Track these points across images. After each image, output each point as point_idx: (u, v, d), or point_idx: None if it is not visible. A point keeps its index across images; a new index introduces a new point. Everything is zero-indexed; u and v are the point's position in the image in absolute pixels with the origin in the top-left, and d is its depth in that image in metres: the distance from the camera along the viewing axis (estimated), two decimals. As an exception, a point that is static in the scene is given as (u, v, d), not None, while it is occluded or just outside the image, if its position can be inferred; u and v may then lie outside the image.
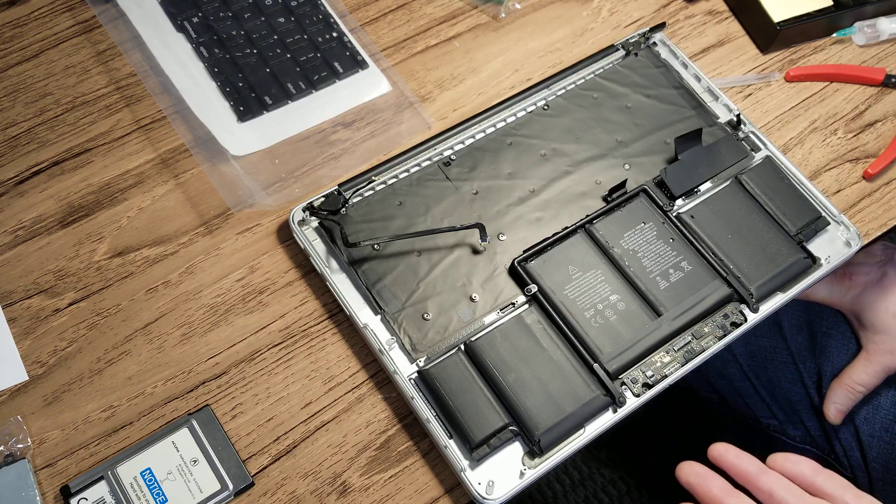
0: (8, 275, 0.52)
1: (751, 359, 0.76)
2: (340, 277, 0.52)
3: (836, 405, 0.70)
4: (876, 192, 0.62)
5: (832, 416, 0.70)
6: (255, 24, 0.61)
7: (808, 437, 0.74)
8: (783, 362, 0.74)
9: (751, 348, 0.76)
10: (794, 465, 0.47)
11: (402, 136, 0.59)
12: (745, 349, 0.76)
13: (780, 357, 0.75)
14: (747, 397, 0.76)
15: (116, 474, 0.46)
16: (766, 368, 0.75)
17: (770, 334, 0.75)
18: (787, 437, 0.75)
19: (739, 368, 0.76)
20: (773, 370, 0.75)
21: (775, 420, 0.75)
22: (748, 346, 0.76)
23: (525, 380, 0.48)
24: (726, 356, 0.76)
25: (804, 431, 0.74)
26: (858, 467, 0.71)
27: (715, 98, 0.61)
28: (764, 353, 0.75)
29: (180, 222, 0.55)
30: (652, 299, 0.51)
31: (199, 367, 0.50)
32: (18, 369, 0.49)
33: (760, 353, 0.75)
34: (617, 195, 0.56)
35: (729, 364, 0.76)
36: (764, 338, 0.75)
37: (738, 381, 0.76)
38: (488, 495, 0.45)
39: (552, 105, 0.60)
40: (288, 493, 0.47)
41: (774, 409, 0.75)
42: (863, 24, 0.67)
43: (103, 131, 0.58)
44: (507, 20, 0.66)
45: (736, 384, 0.76)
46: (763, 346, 0.75)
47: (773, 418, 0.75)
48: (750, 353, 0.76)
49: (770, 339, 0.75)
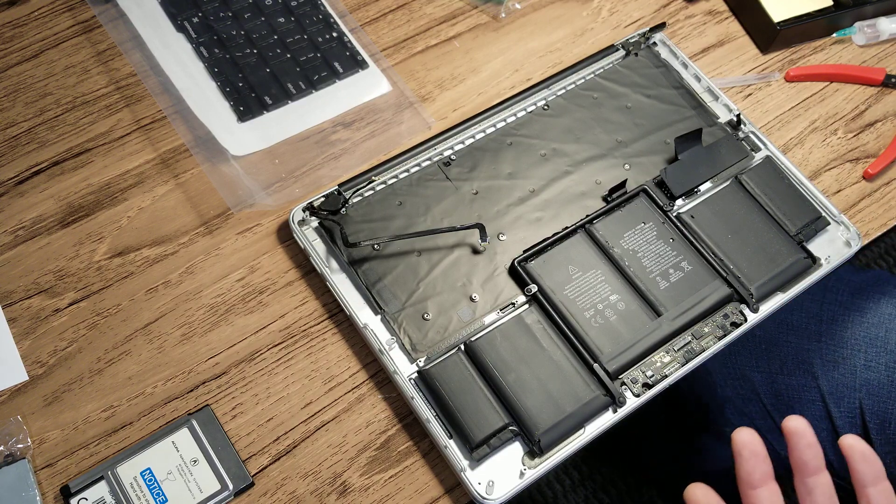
0: (8, 275, 0.52)
1: (775, 398, 0.71)
2: (340, 277, 0.52)
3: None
4: (876, 192, 0.62)
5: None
6: (255, 24, 0.61)
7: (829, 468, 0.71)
8: (811, 401, 0.70)
9: (776, 388, 0.71)
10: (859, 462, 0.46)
11: (402, 136, 0.59)
12: (771, 388, 0.71)
13: (809, 396, 0.70)
14: (767, 433, 0.71)
15: (116, 474, 0.46)
16: (792, 408, 0.70)
17: (799, 372, 0.70)
18: None
19: (762, 407, 0.72)
20: (799, 410, 0.70)
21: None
22: (773, 385, 0.71)
23: (525, 380, 0.48)
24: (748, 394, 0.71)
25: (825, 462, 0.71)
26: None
27: (715, 98, 0.61)
28: (790, 392, 0.70)
29: (180, 222, 0.55)
30: (652, 299, 0.51)
31: (199, 367, 0.50)
32: (18, 369, 0.49)
33: (787, 392, 0.71)
34: (617, 195, 0.56)
35: (751, 402, 0.72)
36: (792, 376, 0.70)
37: (760, 420, 0.72)
38: (488, 495, 0.45)
39: (552, 105, 0.60)
40: (288, 493, 0.47)
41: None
42: (863, 24, 0.67)
43: (103, 131, 0.58)
44: (507, 20, 0.66)
45: (756, 422, 0.72)
46: (791, 384, 0.70)
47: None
48: (775, 392, 0.71)
49: (799, 377, 0.70)
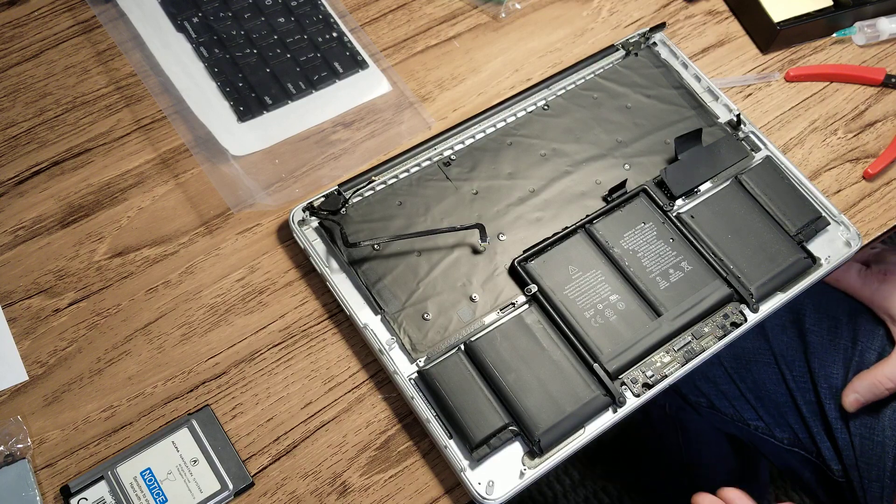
0: (8, 275, 0.52)
1: (735, 361, 0.75)
2: (340, 277, 0.52)
3: (856, 395, 0.68)
4: (876, 192, 0.62)
5: (849, 403, 0.68)
6: (255, 24, 0.61)
7: (795, 440, 0.73)
8: (766, 363, 0.73)
9: (735, 350, 0.74)
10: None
11: (402, 136, 0.59)
12: (730, 351, 0.74)
13: (764, 358, 0.74)
14: (734, 400, 0.75)
15: (116, 474, 0.46)
16: (751, 370, 0.74)
17: (752, 335, 0.74)
18: (776, 439, 0.74)
19: (724, 371, 0.75)
20: (757, 372, 0.74)
21: (762, 422, 0.74)
22: (732, 347, 0.74)
23: (525, 380, 0.48)
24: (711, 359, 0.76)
25: (791, 434, 0.73)
26: (851, 467, 0.70)
27: (715, 98, 0.61)
28: (748, 355, 0.74)
29: (180, 222, 0.55)
30: (652, 299, 0.51)
31: (199, 367, 0.50)
32: (18, 369, 0.49)
33: (744, 355, 0.74)
34: (617, 195, 0.56)
35: (714, 367, 0.76)
36: (747, 339, 0.74)
37: (724, 384, 0.75)
38: (488, 495, 0.45)
39: (552, 105, 0.60)
40: (288, 493, 0.47)
41: (761, 411, 0.74)
42: (863, 24, 0.67)
43: (103, 131, 0.58)
44: (507, 20, 0.66)
45: (721, 387, 0.75)
46: (746, 347, 0.74)
47: (759, 420, 0.74)
48: (734, 355, 0.75)
49: (753, 340, 0.74)
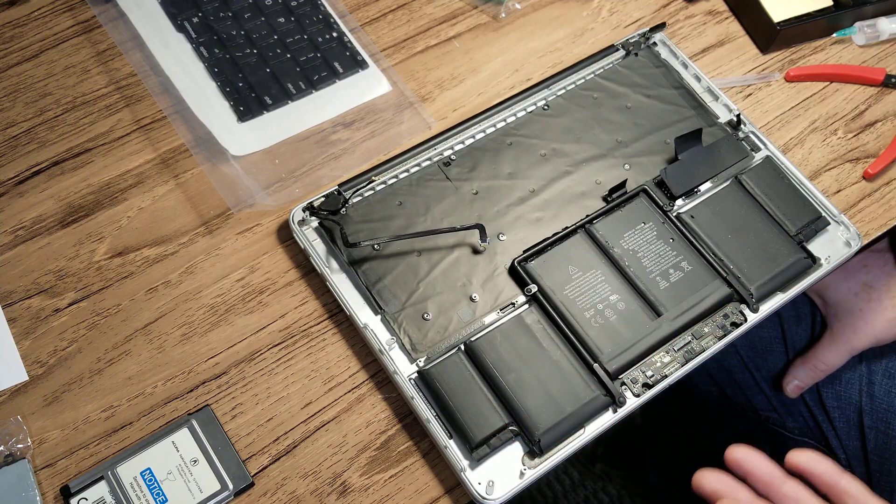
0: (8, 275, 0.52)
1: (751, 350, 0.75)
2: (340, 277, 0.52)
3: (796, 381, 0.70)
4: (876, 192, 0.62)
5: (790, 391, 0.70)
6: (255, 24, 0.61)
7: (806, 429, 0.73)
8: (780, 353, 0.74)
9: (751, 339, 0.75)
10: (817, 464, 0.45)
11: (402, 136, 0.59)
12: (746, 340, 0.75)
13: (778, 348, 0.74)
14: (746, 389, 0.75)
15: (116, 474, 0.46)
16: (766, 360, 0.74)
17: (770, 325, 0.75)
18: (786, 429, 0.75)
19: (740, 360, 0.76)
20: (772, 361, 0.74)
21: (774, 413, 0.75)
22: (748, 336, 0.75)
23: (525, 380, 0.48)
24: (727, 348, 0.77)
25: (803, 423, 0.73)
26: (855, 457, 0.70)
27: (715, 98, 0.61)
28: (763, 344, 0.75)
29: (180, 222, 0.55)
30: (652, 299, 0.51)
31: (199, 367, 0.50)
32: (18, 369, 0.49)
33: (760, 344, 0.75)
34: (617, 195, 0.56)
35: (730, 356, 0.76)
36: (764, 328, 0.75)
37: (738, 373, 0.76)
38: (488, 495, 0.45)
39: (552, 105, 0.60)
40: (288, 493, 0.47)
41: (774, 401, 0.75)
42: (863, 24, 0.67)
43: (103, 131, 0.58)
44: (507, 20, 0.66)
45: (736, 376, 0.76)
46: (763, 336, 0.75)
47: (772, 411, 0.75)
48: (750, 344, 0.75)
49: (770, 329, 0.75)
